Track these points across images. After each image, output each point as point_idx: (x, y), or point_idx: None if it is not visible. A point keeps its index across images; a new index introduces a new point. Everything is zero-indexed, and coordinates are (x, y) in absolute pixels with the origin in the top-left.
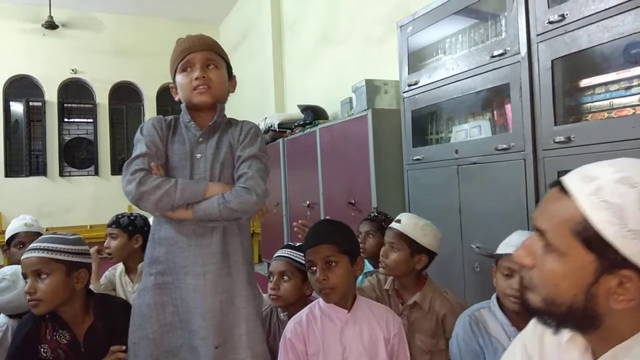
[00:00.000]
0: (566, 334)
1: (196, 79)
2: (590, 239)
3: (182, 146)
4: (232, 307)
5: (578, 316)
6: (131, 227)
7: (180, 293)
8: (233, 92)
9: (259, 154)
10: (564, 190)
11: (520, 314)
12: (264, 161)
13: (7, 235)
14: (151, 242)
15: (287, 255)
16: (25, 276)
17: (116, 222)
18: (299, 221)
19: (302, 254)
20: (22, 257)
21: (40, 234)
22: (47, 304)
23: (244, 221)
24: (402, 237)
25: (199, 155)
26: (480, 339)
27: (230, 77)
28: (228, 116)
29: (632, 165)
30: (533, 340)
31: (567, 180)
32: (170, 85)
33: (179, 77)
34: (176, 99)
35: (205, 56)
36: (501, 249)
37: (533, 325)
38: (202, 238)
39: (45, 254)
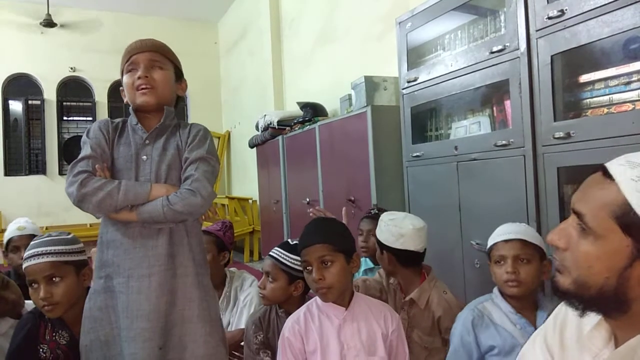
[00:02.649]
0: (588, 324)
1: (138, 78)
2: (630, 222)
3: (127, 148)
4: (174, 308)
5: (607, 300)
6: None
7: (121, 298)
8: (183, 94)
9: (206, 156)
10: (606, 175)
11: (521, 299)
12: (212, 163)
13: (4, 241)
14: (99, 245)
15: (275, 255)
16: (33, 282)
17: None
18: (316, 207)
19: (292, 256)
20: (28, 263)
21: (35, 236)
22: (63, 307)
23: (193, 223)
24: (375, 235)
25: (145, 157)
26: (483, 329)
27: (180, 79)
28: (229, 114)
29: None
30: (554, 333)
31: (612, 165)
32: (121, 88)
33: (124, 78)
34: (125, 101)
35: (149, 57)
36: (490, 241)
37: (553, 318)
38: (147, 240)
39: (56, 258)
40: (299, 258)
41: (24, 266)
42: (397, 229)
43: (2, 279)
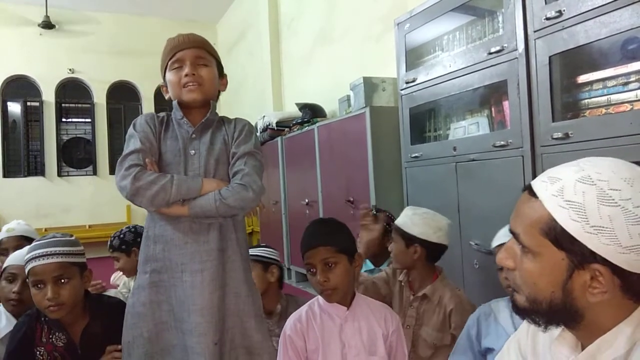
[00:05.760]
0: (556, 330)
1: (186, 75)
2: (558, 237)
3: (175, 142)
4: (223, 303)
5: (560, 312)
6: (124, 246)
7: (176, 291)
8: (224, 90)
9: (254, 151)
10: (533, 193)
11: None
12: (259, 158)
13: None
14: (145, 240)
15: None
16: (38, 283)
17: (111, 247)
18: (363, 205)
19: (256, 249)
20: (36, 263)
21: (25, 237)
22: (67, 308)
23: (239, 218)
24: (396, 229)
25: (193, 151)
26: (485, 328)
27: (221, 75)
28: (228, 114)
29: (592, 164)
30: (527, 338)
31: (535, 183)
32: (161, 84)
33: (169, 75)
34: (166, 97)
35: (195, 54)
36: (494, 242)
37: (526, 323)
38: (198, 235)
39: (64, 259)
40: (263, 249)
41: (29, 266)
42: (435, 222)
43: None
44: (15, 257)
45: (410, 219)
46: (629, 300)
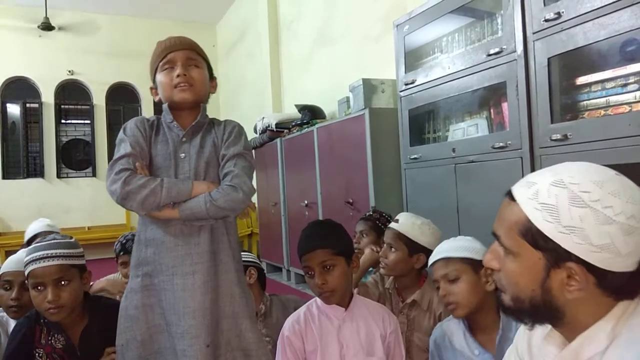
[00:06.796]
0: (545, 330)
1: (177, 76)
2: (535, 237)
3: (165, 146)
4: (216, 305)
5: (541, 310)
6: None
7: (166, 295)
8: (214, 92)
9: (243, 152)
10: (512, 198)
11: (475, 320)
12: (249, 159)
13: (29, 235)
14: (137, 244)
15: None
16: (38, 285)
17: (122, 251)
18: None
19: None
20: (36, 265)
21: None
22: (67, 310)
23: (231, 220)
24: (399, 237)
25: (183, 154)
26: (444, 352)
27: (211, 77)
28: (227, 116)
29: (566, 168)
30: (523, 342)
31: (515, 188)
32: (150, 86)
33: (160, 76)
34: (156, 99)
35: (186, 55)
36: (431, 259)
37: (523, 328)
38: (189, 237)
39: (64, 261)
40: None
41: (29, 268)
42: (438, 233)
43: None
44: (8, 264)
45: (419, 229)
46: (607, 297)
